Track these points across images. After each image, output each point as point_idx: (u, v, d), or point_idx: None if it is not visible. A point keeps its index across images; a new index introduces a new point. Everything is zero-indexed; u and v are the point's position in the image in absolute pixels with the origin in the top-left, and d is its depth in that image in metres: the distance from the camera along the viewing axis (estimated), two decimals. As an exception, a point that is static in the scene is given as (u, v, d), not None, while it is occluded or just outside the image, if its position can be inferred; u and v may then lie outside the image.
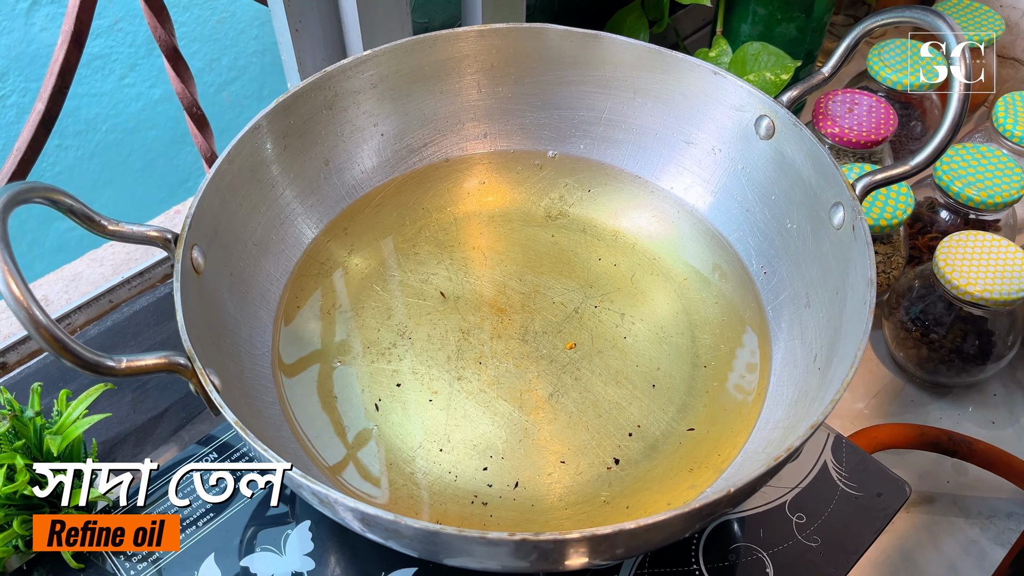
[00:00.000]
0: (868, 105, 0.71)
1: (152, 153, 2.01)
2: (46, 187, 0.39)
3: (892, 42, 0.77)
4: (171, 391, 0.64)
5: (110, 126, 1.97)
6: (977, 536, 0.60)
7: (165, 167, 2.05)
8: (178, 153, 2.07)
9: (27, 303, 0.35)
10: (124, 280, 0.71)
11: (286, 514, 0.51)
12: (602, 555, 0.38)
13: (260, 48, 2.16)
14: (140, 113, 2.00)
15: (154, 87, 2.01)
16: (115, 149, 1.96)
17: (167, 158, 2.05)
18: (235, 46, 2.19)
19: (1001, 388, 0.67)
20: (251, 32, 2.18)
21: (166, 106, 2.02)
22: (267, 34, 2.18)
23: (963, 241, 0.62)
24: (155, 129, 2.01)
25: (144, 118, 2.00)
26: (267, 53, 2.17)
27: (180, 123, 2.03)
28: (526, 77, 0.58)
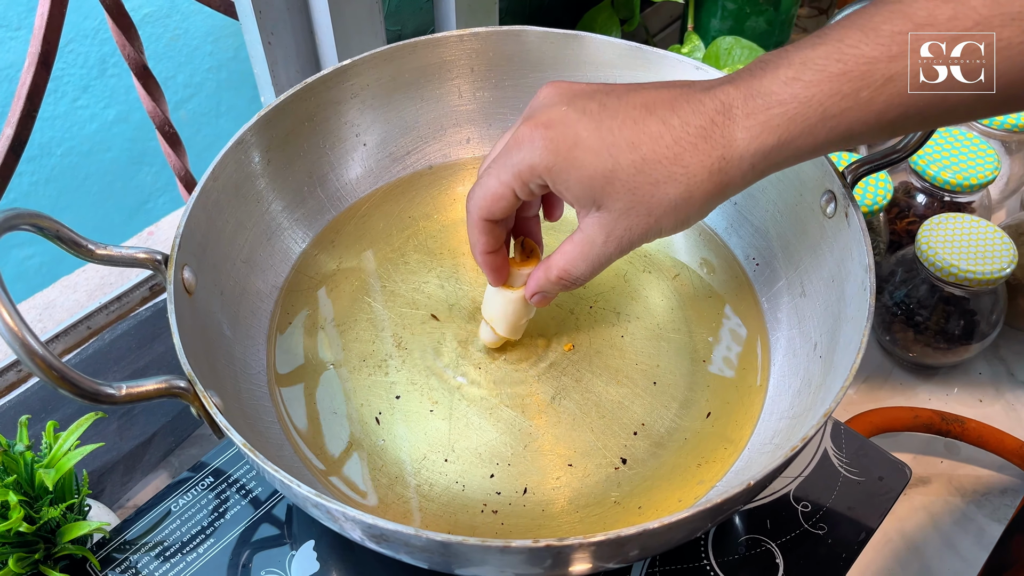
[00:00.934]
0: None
1: (109, 175, 1.97)
2: (32, 213, 0.38)
3: (859, 31, 0.78)
4: (157, 415, 0.62)
5: (65, 150, 1.93)
6: (974, 513, 0.60)
7: (124, 189, 2.01)
8: (136, 174, 2.04)
9: (21, 332, 0.34)
10: (102, 306, 0.69)
11: (280, 535, 0.50)
12: (623, 556, 0.38)
13: (215, 64, 2.13)
14: (95, 135, 1.96)
15: (108, 108, 1.98)
16: (71, 173, 1.92)
17: (125, 180, 2.01)
18: (190, 63, 2.16)
19: (986, 366, 0.69)
20: (205, 49, 2.15)
21: (121, 127, 1.98)
22: (222, 50, 2.15)
23: (943, 224, 0.63)
24: (111, 151, 1.98)
25: (99, 140, 1.96)
26: (222, 69, 2.14)
27: (136, 144, 1.99)
28: (507, 80, 0.57)
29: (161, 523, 0.51)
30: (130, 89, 2.03)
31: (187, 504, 0.51)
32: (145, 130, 2.04)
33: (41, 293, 0.76)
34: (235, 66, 2.16)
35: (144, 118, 2.10)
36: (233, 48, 2.18)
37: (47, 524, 0.47)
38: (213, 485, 0.52)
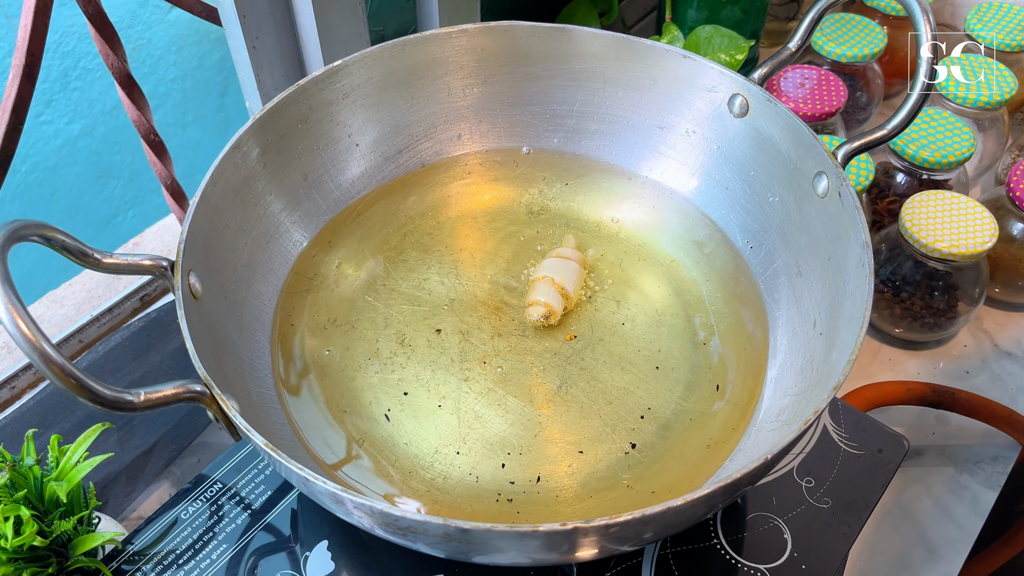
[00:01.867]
0: (818, 79, 0.73)
1: (76, 190, 1.95)
2: (39, 224, 0.38)
3: (831, 17, 0.80)
4: (157, 425, 0.62)
5: (30, 166, 1.90)
6: (967, 482, 0.62)
7: (91, 203, 1.98)
8: (103, 188, 2.01)
9: (39, 342, 0.34)
10: (93, 318, 0.69)
11: (302, 538, 0.50)
12: (642, 537, 0.38)
13: (180, 74, 2.11)
14: (60, 150, 1.93)
15: (72, 123, 1.95)
16: (37, 189, 1.89)
17: (92, 194, 1.99)
18: (153, 74, 2.13)
19: (970, 339, 0.70)
20: (169, 59, 2.13)
21: (87, 141, 1.96)
22: (186, 60, 2.13)
23: (926, 201, 0.65)
24: (77, 165, 1.95)
25: (65, 155, 1.94)
26: (188, 79, 2.12)
27: (103, 157, 1.97)
28: (496, 76, 0.58)
29: (169, 532, 0.51)
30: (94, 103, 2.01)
31: (195, 512, 0.51)
32: (111, 144, 2.01)
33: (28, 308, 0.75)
34: (200, 75, 2.14)
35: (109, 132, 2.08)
36: (198, 57, 2.16)
37: (59, 538, 0.46)
38: (220, 492, 0.52)
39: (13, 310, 0.34)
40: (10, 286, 0.34)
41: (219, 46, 2.27)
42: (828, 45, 0.77)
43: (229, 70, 2.25)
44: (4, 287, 0.34)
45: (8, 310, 0.34)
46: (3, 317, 0.34)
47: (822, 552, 0.49)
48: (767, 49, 0.94)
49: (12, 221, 0.36)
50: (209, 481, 0.52)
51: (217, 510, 0.51)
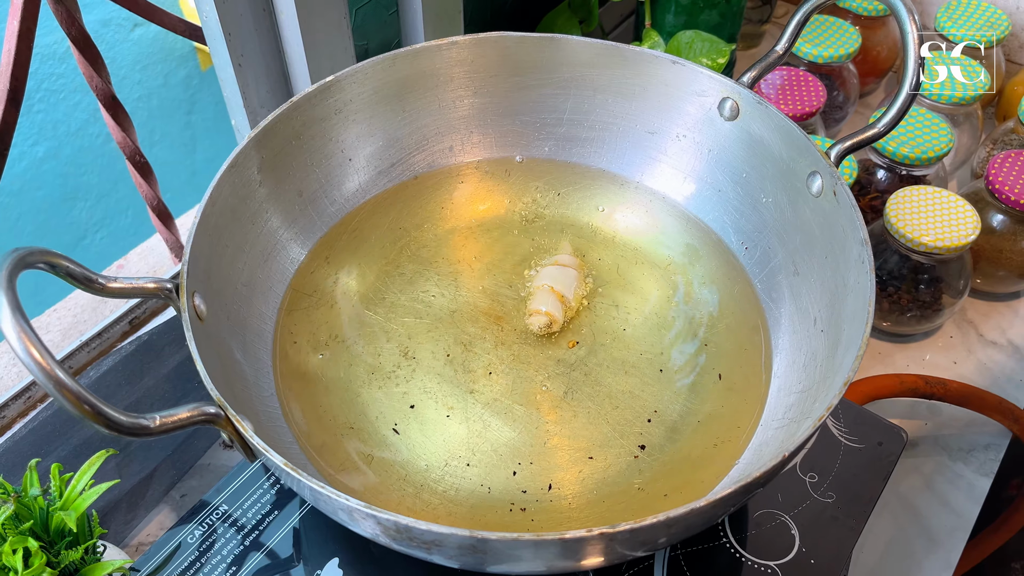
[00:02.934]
0: (797, 80, 0.74)
1: (43, 214, 1.92)
2: (46, 251, 0.37)
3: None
4: (155, 451, 0.61)
5: (-6, 191, 1.87)
6: (962, 470, 0.63)
7: (58, 227, 1.95)
8: (70, 211, 1.98)
9: (52, 369, 0.33)
10: (83, 343, 0.68)
11: (312, 556, 0.50)
12: (663, 539, 0.39)
13: (144, 93, 2.09)
14: (25, 173, 1.90)
15: (36, 145, 1.92)
16: (3, 214, 1.86)
17: (59, 217, 1.95)
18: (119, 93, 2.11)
19: (956, 330, 0.72)
20: (133, 77, 2.10)
21: (52, 163, 1.93)
22: (151, 78, 2.11)
23: (909, 196, 0.66)
24: (43, 189, 1.92)
25: (30, 178, 1.91)
26: (152, 97, 2.10)
27: (68, 180, 1.94)
28: (486, 87, 0.58)
29: (174, 557, 0.50)
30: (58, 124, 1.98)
31: (200, 536, 0.51)
32: (77, 165, 1.98)
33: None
34: (165, 93, 2.11)
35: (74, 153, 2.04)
36: (162, 75, 2.14)
37: (67, 568, 0.46)
38: (225, 515, 0.52)
39: (25, 338, 0.33)
40: (21, 314, 0.33)
41: (184, 64, 2.24)
42: (805, 46, 0.78)
43: (195, 87, 2.23)
44: (15, 315, 0.33)
45: (20, 338, 0.33)
46: (15, 345, 0.33)
47: (830, 546, 0.50)
48: (742, 52, 0.95)
49: (18, 249, 0.36)
50: (212, 506, 0.52)
51: (221, 534, 0.51)
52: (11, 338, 0.33)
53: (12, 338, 0.33)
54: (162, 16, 0.63)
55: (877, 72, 0.88)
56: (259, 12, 0.60)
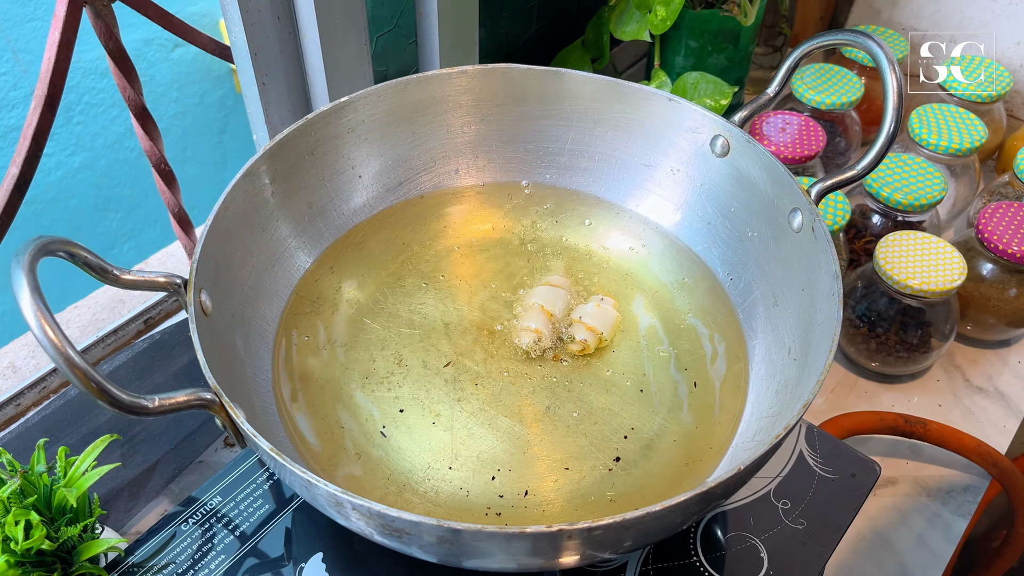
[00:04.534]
0: (798, 124, 0.77)
1: (75, 222, 1.97)
2: (65, 240, 0.40)
3: (812, 66, 0.84)
4: (160, 444, 0.64)
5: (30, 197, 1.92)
6: (940, 510, 0.64)
7: (88, 235, 2.01)
8: (101, 221, 2.04)
9: (64, 348, 0.36)
10: (99, 339, 0.71)
11: (297, 551, 0.52)
12: (623, 543, 0.40)
13: (180, 111, 2.16)
14: (60, 182, 1.96)
15: (73, 155, 1.98)
16: (36, 221, 1.92)
17: (90, 226, 2.01)
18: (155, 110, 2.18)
19: (943, 374, 0.73)
20: (171, 95, 2.17)
21: (86, 173, 1.99)
22: (187, 96, 2.17)
23: (898, 240, 0.68)
24: (76, 198, 1.98)
25: (64, 187, 1.97)
26: (188, 115, 2.16)
27: (101, 191, 2.00)
28: (493, 114, 0.61)
29: (169, 545, 0.52)
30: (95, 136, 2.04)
31: (194, 525, 0.53)
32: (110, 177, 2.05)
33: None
34: (200, 112, 2.18)
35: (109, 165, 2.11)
36: (198, 94, 2.21)
37: (65, 544, 0.48)
38: (218, 507, 0.54)
39: (42, 318, 0.36)
40: (39, 295, 0.37)
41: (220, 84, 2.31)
42: (808, 93, 0.81)
43: (229, 108, 2.30)
44: (34, 296, 0.36)
45: (37, 318, 0.36)
46: (32, 324, 0.36)
47: (797, 570, 0.51)
48: (751, 96, 0.98)
49: (41, 237, 0.39)
50: (207, 497, 0.54)
51: (215, 524, 0.53)
52: (28, 317, 0.36)
53: (30, 317, 0.36)
54: (195, 35, 0.67)
55: (880, 121, 0.90)
56: (284, 35, 0.64)
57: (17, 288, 0.36)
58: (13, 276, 0.37)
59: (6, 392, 0.68)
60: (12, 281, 0.37)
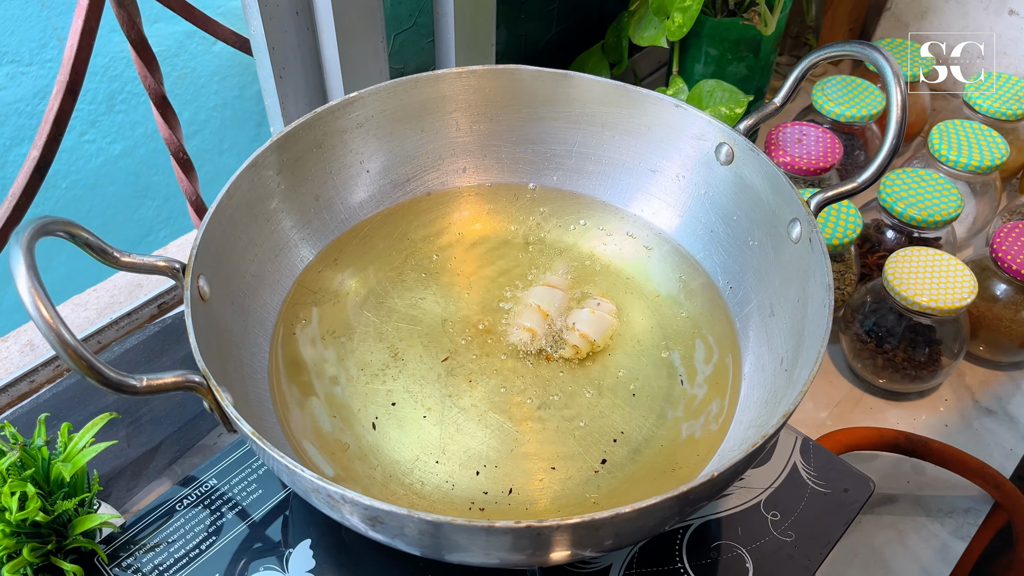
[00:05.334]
0: (815, 136, 0.77)
1: (112, 209, 2.01)
2: (65, 221, 0.42)
3: (834, 78, 0.83)
4: (164, 426, 0.65)
5: (70, 183, 1.97)
6: (938, 531, 0.63)
7: (125, 222, 2.05)
8: (138, 208, 2.08)
9: (56, 326, 0.37)
10: (112, 321, 0.73)
11: (287, 536, 0.53)
12: (598, 542, 0.41)
13: (220, 103, 2.19)
14: (100, 169, 2.00)
15: (114, 143, 2.02)
16: (75, 206, 1.96)
17: (127, 213, 2.05)
18: (195, 101, 2.21)
19: (951, 394, 0.72)
20: (211, 87, 2.20)
21: (126, 161, 2.03)
22: (227, 89, 2.21)
23: (908, 256, 0.67)
24: (115, 185, 2.02)
25: (104, 174, 2.01)
26: (227, 107, 2.20)
27: (139, 178, 2.04)
28: (502, 115, 0.62)
29: (164, 523, 0.54)
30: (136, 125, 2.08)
31: (190, 505, 0.54)
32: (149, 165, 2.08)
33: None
34: (239, 104, 2.21)
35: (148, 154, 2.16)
36: (238, 87, 2.24)
37: (60, 517, 0.50)
38: (214, 488, 0.55)
39: (36, 297, 0.37)
40: (35, 274, 0.38)
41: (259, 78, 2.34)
42: (828, 104, 0.80)
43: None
44: (29, 275, 0.38)
45: (32, 295, 0.37)
46: (26, 302, 0.37)
47: (781, 582, 0.51)
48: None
49: (41, 216, 0.40)
50: (204, 478, 0.55)
51: (210, 505, 0.54)
52: (24, 295, 0.38)
53: (25, 295, 0.37)
54: (216, 27, 0.68)
55: (905, 136, 0.89)
56: (303, 30, 0.65)
57: (14, 266, 0.38)
58: (11, 255, 0.38)
59: (22, 368, 0.70)
60: (10, 259, 0.38)
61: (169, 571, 0.51)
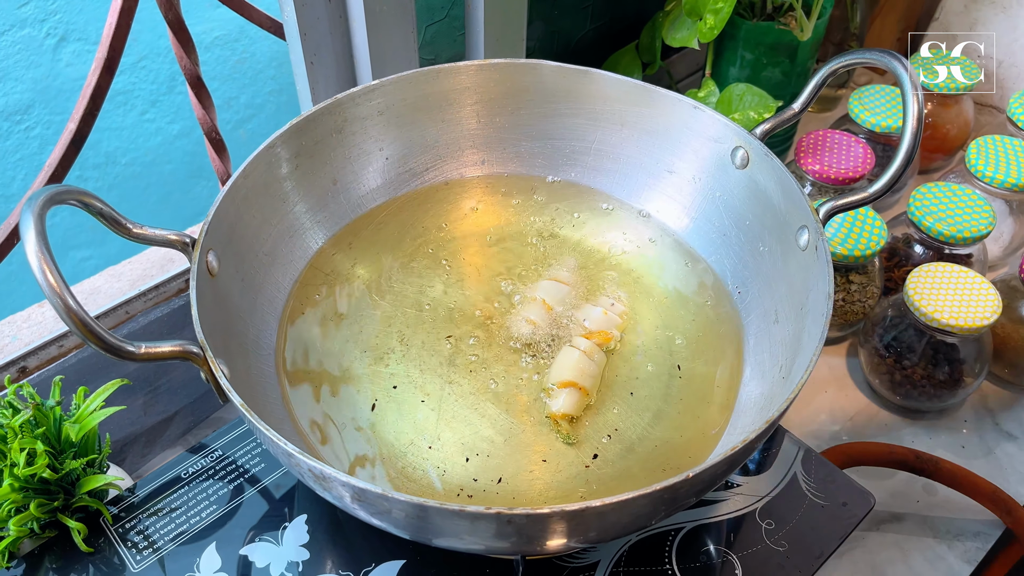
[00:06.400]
0: (847, 145, 0.75)
1: (169, 186, 2.07)
2: (79, 191, 0.43)
3: (872, 87, 0.82)
4: (180, 396, 0.67)
5: (129, 159, 2.03)
6: (944, 553, 0.62)
7: (180, 200, 2.10)
8: (194, 187, 2.13)
9: (61, 291, 0.39)
10: (140, 293, 0.75)
11: (284, 510, 0.54)
12: (575, 534, 0.41)
13: (277, 88, 2.23)
14: (159, 147, 2.06)
15: (173, 123, 2.08)
16: (133, 182, 2.02)
17: (183, 191, 2.10)
18: (253, 85, 2.26)
19: (972, 415, 0.70)
20: (269, 73, 2.25)
21: (184, 141, 2.08)
22: (284, 75, 2.25)
23: (932, 272, 0.66)
24: (172, 163, 2.08)
25: (162, 152, 2.06)
26: (283, 93, 2.24)
27: (196, 158, 2.09)
28: (522, 109, 0.62)
29: (170, 488, 0.55)
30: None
31: (197, 472, 0.56)
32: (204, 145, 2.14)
33: (88, 280, 0.82)
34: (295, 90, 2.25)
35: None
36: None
37: (68, 475, 0.52)
38: (221, 458, 0.57)
39: (43, 262, 0.39)
40: (44, 240, 0.39)
41: (316, 65, 2.37)
42: (864, 114, 0.79)
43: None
44: (39, 240, 0.39)
45: (39, 260, 0.39)
46: (34, 266, 0.39)
47: (769, 591, 0.51)
48: (814, 114, 0.96)
49: (55, 185, 0.42)
50: (216, 445, 0.57)
51: (215, 474, 0.56)
52: (32, 259, 0.39)
53: (33, 260, 0.39)
54: (251, 11, 0.70)
55: (945, 149, 0.88)
56: (335, 17, 0.67)
57: (24, 231, 0.39)
58: (23, 220, 0.40)
59: (54, 332, 0.73)
60: (21, 225, 0.40)
61: (169, 535, 0.53)
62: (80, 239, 1.88)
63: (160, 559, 0.52)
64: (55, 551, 0.52)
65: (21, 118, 1.95)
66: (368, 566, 0.52)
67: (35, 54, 1.96)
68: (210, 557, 0.52)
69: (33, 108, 1.95)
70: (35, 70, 1.95)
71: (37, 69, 1.96)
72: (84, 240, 1.92)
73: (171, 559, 0.52)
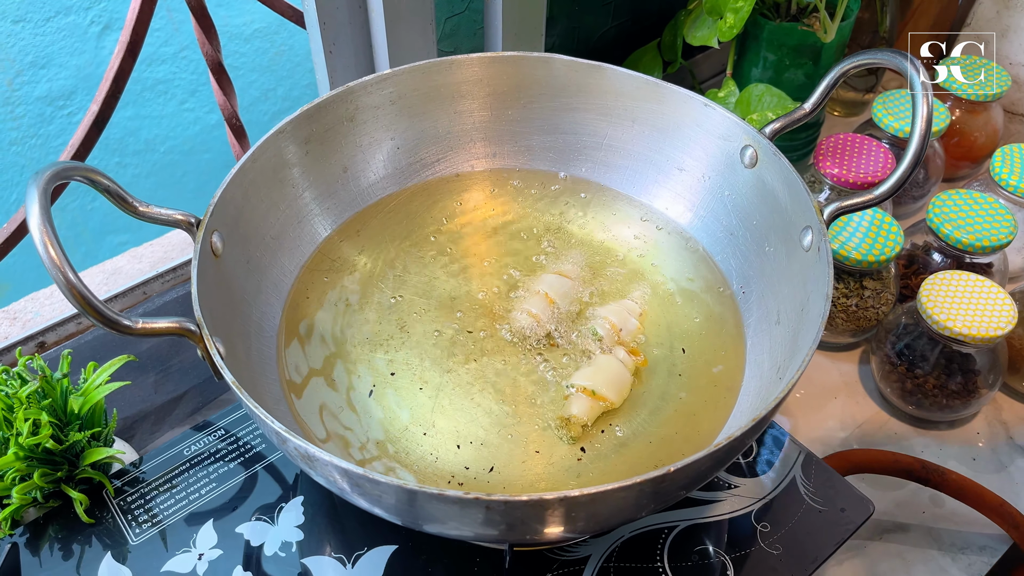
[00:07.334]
0: (868, 149, 0.74)
1: (205, 176, 2.10)
2: (86, 167, 0.44)
3: (896, 92, 0.80)
4: (191, 376, 0.69)
5: (168, 147, 2.07)
6: (948, 565, 0.61)
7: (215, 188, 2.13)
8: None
9: (62, 264, 0.40)
10: (158, 274, 0.76)
11: (283, 491, 0.55)
12: (555, 524, 0.41)
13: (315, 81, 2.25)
14: (197, 137, 2.09)
15: (212, 112, 2.11)
16: (170, 170, 2.06)
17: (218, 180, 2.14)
18: (290, 78, 2.29)
19: (985, 427, 0.69)
20: (307, 65, 2.27)
21: (221, 131, 2.11)
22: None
23: (946, 280, 0.65)
24: (210, 152, 2.11)
25: (200, 141, 2.09)
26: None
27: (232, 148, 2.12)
28: (533, 102, 0.62)
29: (173, 465, 0.56)
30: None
31: (199, 451, 0.57)
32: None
33: (111, 260, 0.83)
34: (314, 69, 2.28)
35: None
36: (333, 67, 2.29)
37: (73, 447, 0.53)
38: (224, 437, 0.58)
39: (46, 236, 0.40)
40: (47, 215, 0.40)
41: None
42: (888, 119, 0.78)
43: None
44: (42, 215, 0.40)
45: (42, 235, 0.40)
46: (36, 240, 0.40)
47: (760, 594, 0.50)
48: (841, 119, 0.95)
49: (61, 162, 0.43)
50: (221, 423, 0.58)
51: (217, 452, 0.57)
52: (35, 234, 0.40)
53: (36, 234, 0.40)
54: (273, 0, 0.71)
55: (972, 157, 0.86)
56: (354, 8, 0.67)
57: (29, 206, 0.40)
58: (28, 195, 0.41)
59: (72, 310, 0.75)
60: (26, 200, 0.41)
61: (169, 510, 0.54)
62: (118, 224, 1.91)
63: (159, 532, 0.53)
64: (58, 521, 0.53)
65: (64, 103, 1.99)
66: (360, 549, 0.52)
67: (80, 41, 2.01)
68: (207, 533, 0.53)
69: (76, 94, 1.99)
70: (79, 57, 2.00)
71: (81, 56, 2.00)
72: (122, 225, 1.96)
73: (169, 533, 0.53)
